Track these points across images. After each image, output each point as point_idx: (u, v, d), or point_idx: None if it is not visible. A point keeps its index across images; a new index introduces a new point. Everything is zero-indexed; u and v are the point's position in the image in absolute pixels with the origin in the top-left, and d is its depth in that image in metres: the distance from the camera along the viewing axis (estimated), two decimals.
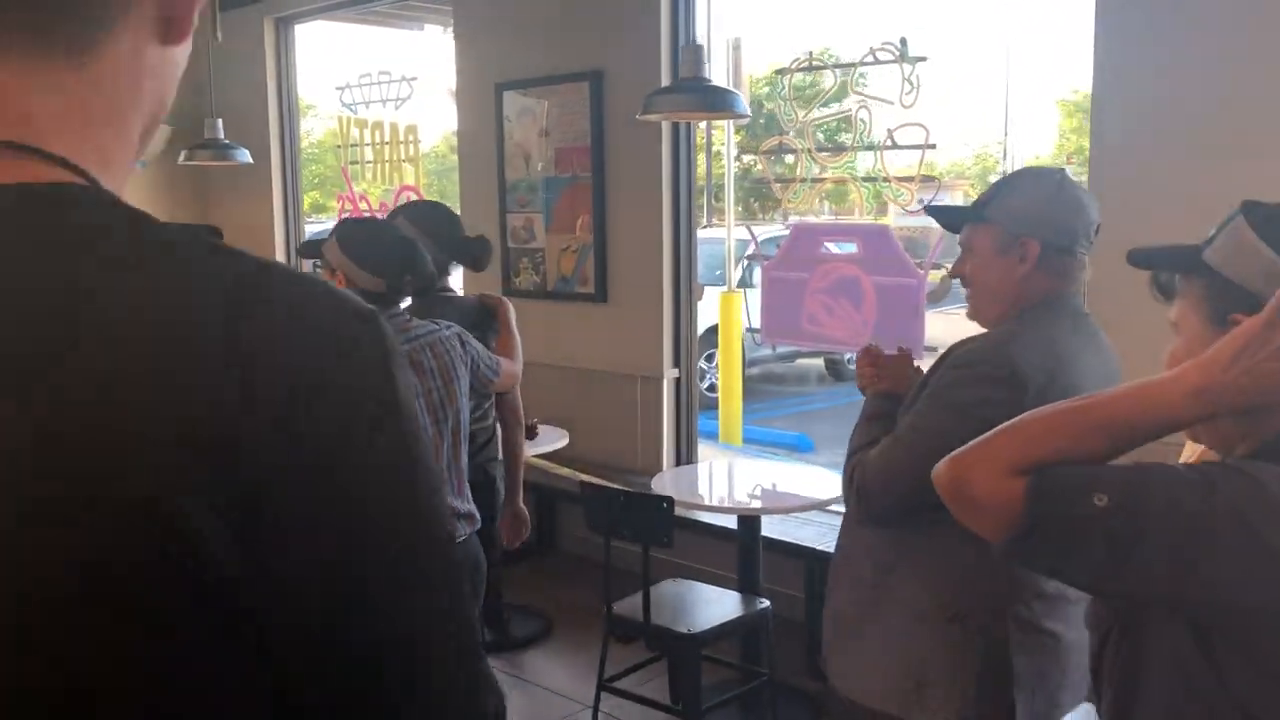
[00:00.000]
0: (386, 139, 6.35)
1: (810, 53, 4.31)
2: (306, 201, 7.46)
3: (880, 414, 2.09)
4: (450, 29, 5.94)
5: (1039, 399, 1.69)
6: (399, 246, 2.65)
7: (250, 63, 6.91)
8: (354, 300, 0.66)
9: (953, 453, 1.27)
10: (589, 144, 5.04)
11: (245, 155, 5.87)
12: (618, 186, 5.01)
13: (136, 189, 7.15)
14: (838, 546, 2.13)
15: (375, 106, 6.43)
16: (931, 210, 2.30)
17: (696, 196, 5.13)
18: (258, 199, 7.04)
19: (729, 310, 8.68)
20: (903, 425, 1.95)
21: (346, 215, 6.70)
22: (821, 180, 4.43)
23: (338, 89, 6.63)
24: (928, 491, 1.38)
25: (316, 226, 8.89)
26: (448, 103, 5.88)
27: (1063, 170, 2.06)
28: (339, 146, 6.69)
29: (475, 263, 3.40)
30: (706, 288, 7.74)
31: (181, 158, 5.93)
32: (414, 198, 6.30)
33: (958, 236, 2.09)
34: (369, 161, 6.46)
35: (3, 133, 0.64)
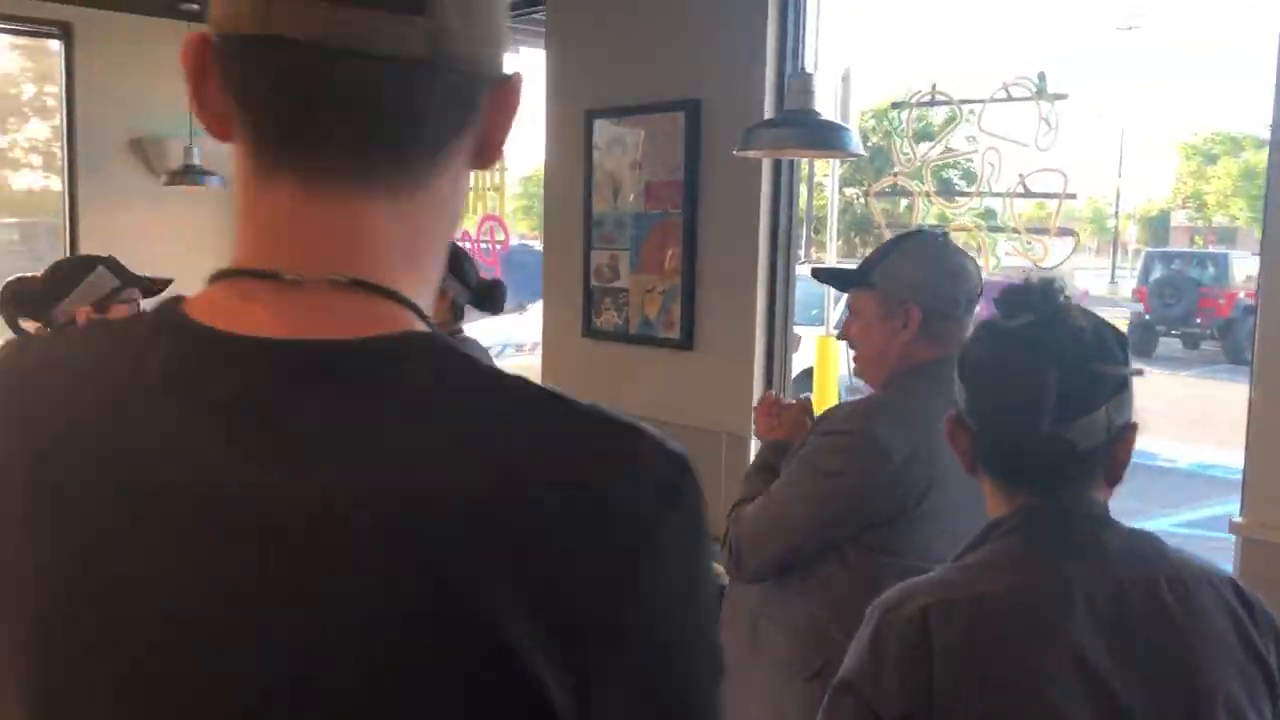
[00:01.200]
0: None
1: (934, 86, 3.87)
2: None
3: (768, 465, 2.12)
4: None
5: (902, 471, 1.83)
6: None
7: None
8: (679, 450, 0.71)
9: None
10: (682, 178, 4.66)
11: None
12: (710, 224, 4.61)
13: (215, 207, 7.00)
14: (724, 596, 2.16)
15: None
16: (819, 273, 2.40)
17: (796, 233, 4.71)
18: None
19: (826, 355, 8.20)
20: (774, 485, 2.00)
21: None
22: (940, 227, 3.98)
23: None
24: (793, 552, 1.66)
25: None
26: (538, 130, 5.58)
27: (945, 235, 2.12)
28: None
29: (494, 305, 3.12)
30: (802, 328, 7.29)
31: None
32: (496, 228, 6.02)
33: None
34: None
35: (348, 267, 0.68)
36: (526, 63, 7.85)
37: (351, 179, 0.68)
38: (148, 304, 2.55)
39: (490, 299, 3.03)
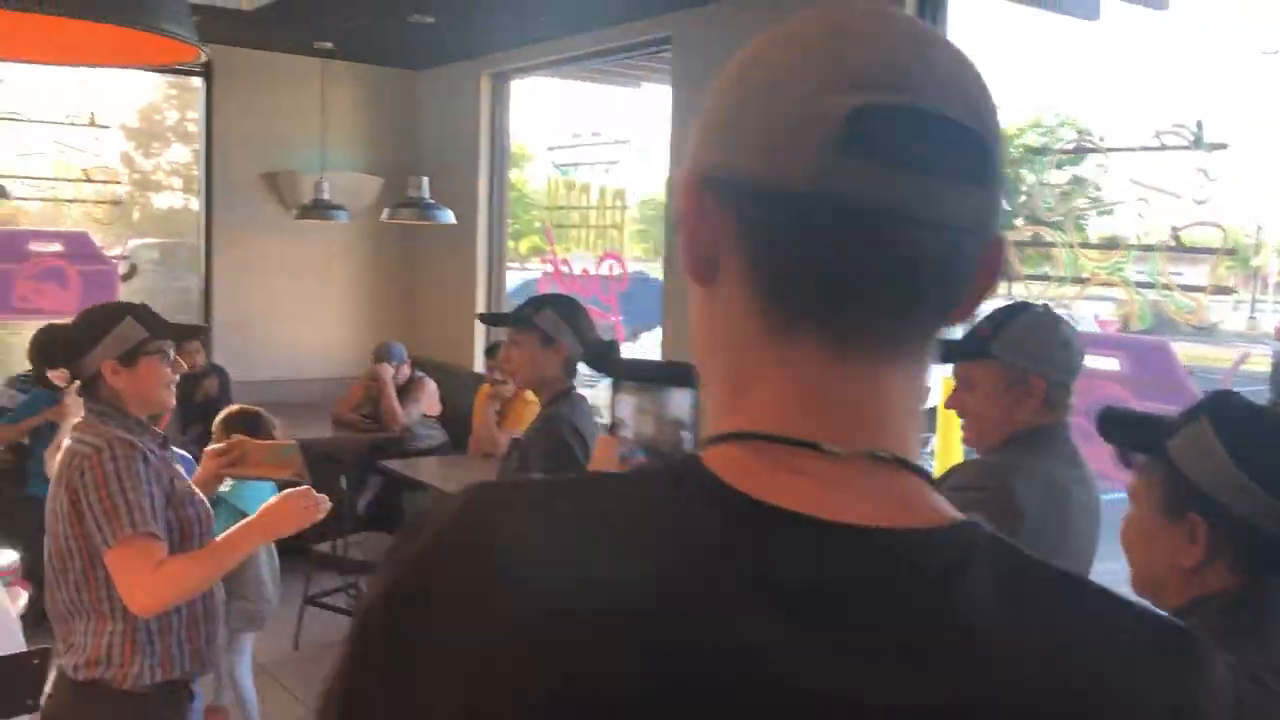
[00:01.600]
0: (594, 203, 6.05)
1: (1078, 133, 3.68)
2: (524, 245, 7.28)
3: None
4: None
5: (1033, 534, 1.75)
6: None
7: (464, 117, 6.78)
8: (1228, 658, 0.67)
9: None
10: None
11: (448, 216, 5.68)
12: None
13: (343, 241, 7.14)
14: None
15: (585, 168, 6.15)
16: None
17: None
18: (462, 255, 6.89)
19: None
20: None
21: (546, 273, 6.45)
22: (1085, 281, 3.76)
23: (549, 149, 6.41)
24: None
25: (523, 274, 8.74)
26: (659, 166, 5.53)
27: (1046, 307, 2.13)
28: (546, 208, 6.45)
29: (608, 367, 3.01)
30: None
31: (385, 215, 5.79)
32: (615, 265, 5.98)
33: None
34: (574, 225, 6.18)
35: (877, 437, 0.66)
36: (652, 98, 7.83)
37: (883, 344, 0.66)
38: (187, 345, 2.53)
39: (605, 360, 2.96)
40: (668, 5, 5.06)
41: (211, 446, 2.77)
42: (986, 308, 2.22)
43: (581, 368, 2.97)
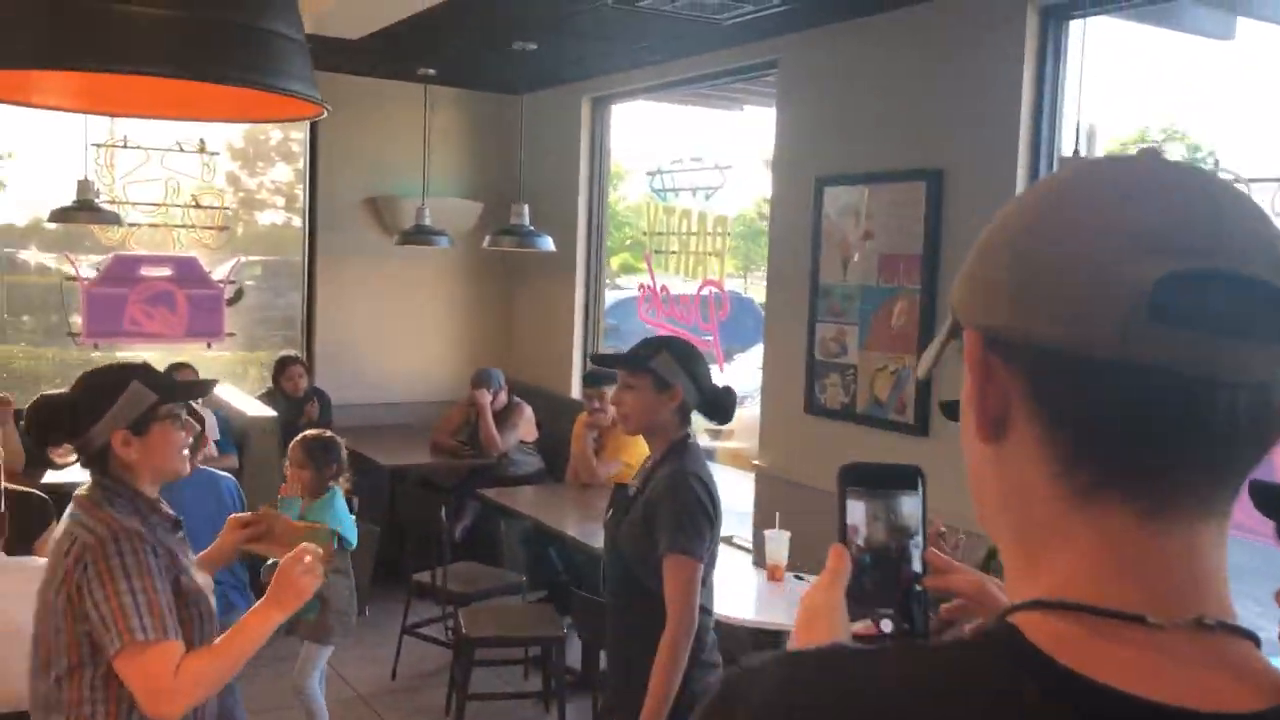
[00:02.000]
0: (694, 229, 5.96)
1: (1187, 149, 3.47)
2: (615, 261, 7.23)
3: None
4: (773, 109, 5.50)
5: None
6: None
7: (564, 141, 6.76)
8: None
9: None
10: (920, 252, 4.39)
11: (549, 243, 5.64)
12: None
13: (442, 266, 7.16)
14: None
15: (686, 195, 6.06)
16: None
17: None
18: (560, 280, 6.86)
19: None
20: None
21: (645, 299, 6.37)
22: None
23: (649, 174, 6.34)
24: None
25: (615, 293, 8.67)
26: (759, 190, 5.42)
27: None
28: (645, 234, 6.39)
29: (725, 415, 2.88)
30: None
31: (486, 242, 5.78)
32: (716, 292, 5.88)
33: None
34: (673, 251, 6.10)
35: (1195, 603, 0.64)
36: (751, 121, 7.72)
37: (1196, 504, 0.65)
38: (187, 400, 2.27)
39: (720, 407, 2.84)
40: (774, 29, 4.96)
41: (236, 515, 2.53)
42: None
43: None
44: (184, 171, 6.50)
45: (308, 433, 4.11)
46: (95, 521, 2.06)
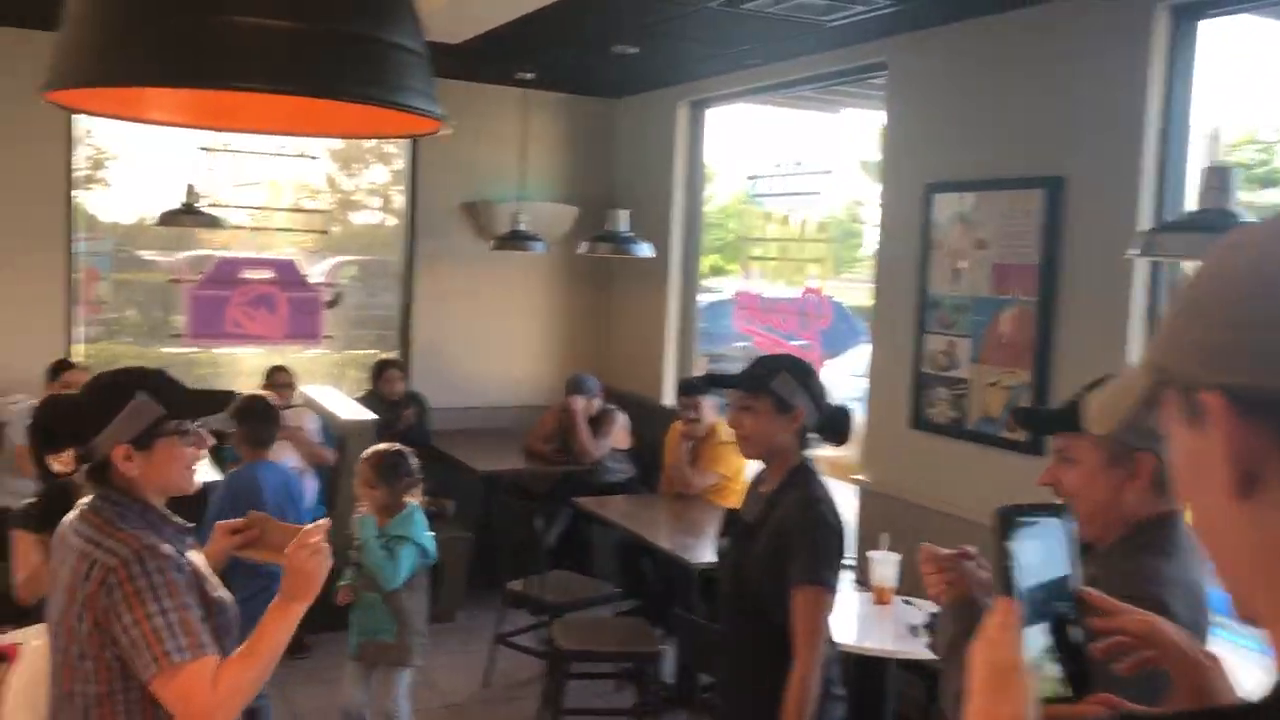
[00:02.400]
0: (793, 235, 5.82)
1: None
2: (705, 264, 7.11)
3: (965, 632, 1.70)
4: (874, 111, 5.34)
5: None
6: None
7: (660, 145, 6.67)
8: None
9: None
10: (1037, 263, 4.19)
11: (646, 250, 5.56)
12: (1071, 318, 4.11)
13: (537, 270, 7.13)
14: None
15: (786, 200, 5.93)
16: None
17: None
18: (655, 285, 6.77)
19: None
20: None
21: (740, 306, 6.24)
22: None
23: (748, 178, 6.22)
24: None
25: (708, 296, 8.54)
26: (852, 193, 5.26)
27: None
28: (743, 239, 6.26)
29: (842, 436, 2.73)
30: None
31: (583, 248, 5.72)
32: (815, 300, 5.73)
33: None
34: (772, 258, 5.97)
35: None
36: (853, 124, 7.55)
37: None
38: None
39: (838, 429, 2.70)
40: (883, 30, 4.80)
41: (225, 521, 2.36)
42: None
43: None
44: (285, 175, 6.57)
45: (374, 449, 3.98)
46: (114, 541, 1.95)
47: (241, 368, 6.65)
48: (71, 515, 2.05)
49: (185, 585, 1.96)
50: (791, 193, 5.89)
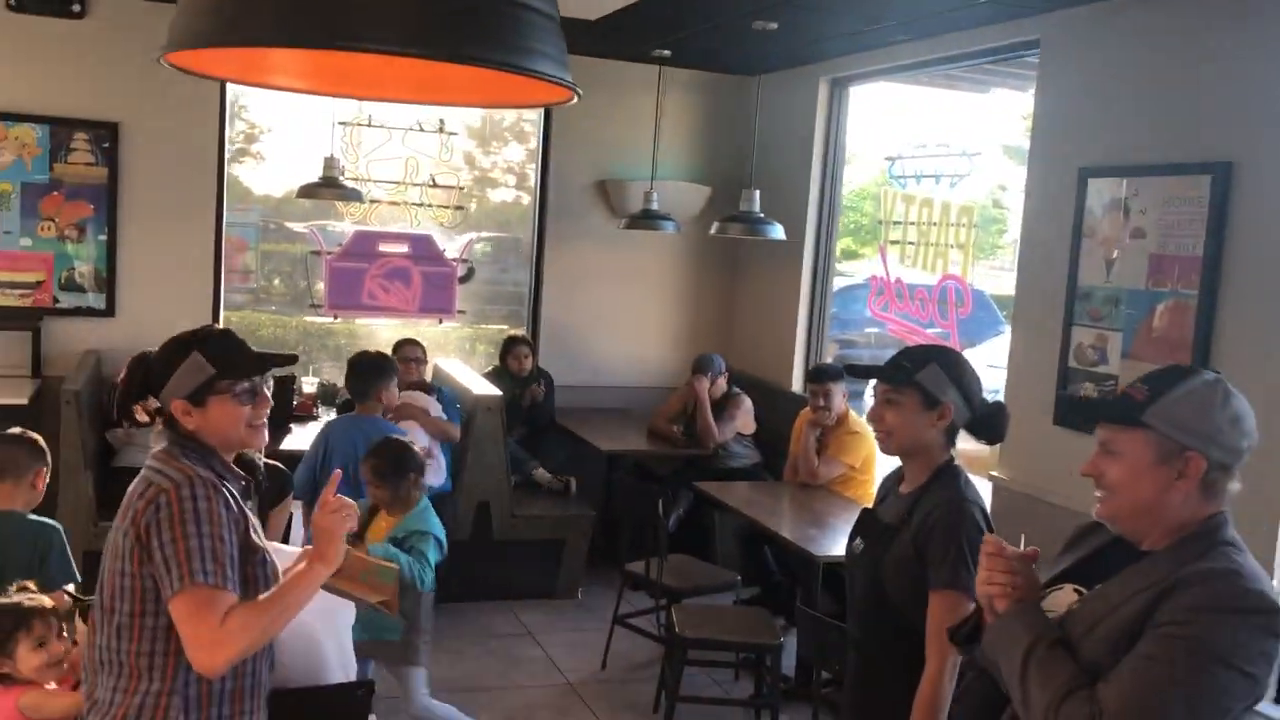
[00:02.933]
0: (934, 219, 5.61)
1: None
2: (839, 248, 6.93)
3: (1056, 642, 1.76)
4: (1026, 93, 5.08)
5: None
6: None
7: (798, 125, 6.51)
8: None
9: None
10: (1200, 254, 3.92)
11: (778, 231, 5.43)
12: (1237, 313, 3.83)
13: (667, 250, 7.06)
14: None
15: (926, 181, 5.71)
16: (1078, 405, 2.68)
17: None
18: (786, 269, 6.62)
19: None
20: (1140, 676, 1.65)
21: (878, 291, 6.06)
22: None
23: (887, 159, 6.01)
24: None
25: (841, 281, 8.34)
26: (995, 177, 5.02)
27: (1223, 379, 1.83)
28: (880, 222, 6.07)
29: (997, 434, 2.55)
30: None
31: (713, 229, 5.62)
32: (956, 288, 5.51)
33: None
34: (911, 242, 5.76)
35: None
36: (999, 105, 7.25)
37: None
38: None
39: (991, 426, 2.53)
40: (1037, 7, 4.55)
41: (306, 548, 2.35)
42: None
43: None
44: (423, 151, 6.65)
45: (374, 446, 3.79)
46: (172, 469, 2.06)
47: (379, 339, 6.77)
48: None
49: (228, 520, 2.04)
50: (933, 175, 5.67)
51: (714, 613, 4.66)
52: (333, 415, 6.17)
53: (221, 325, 5.21)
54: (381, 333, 6.88)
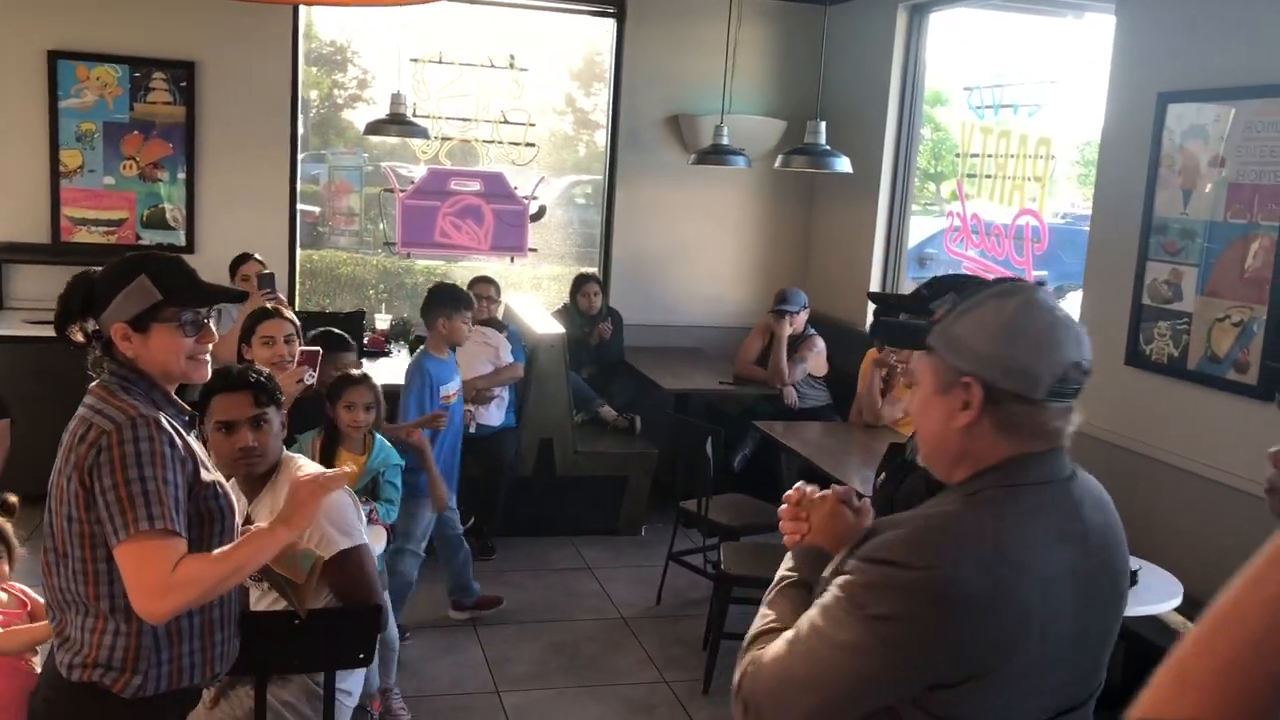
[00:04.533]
0: (1013, 151, 5.36)
1: None
2: (947, 190, 6.71)
3: (799, 584, 1.65)
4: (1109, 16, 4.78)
5: (981, 621, 1.36)
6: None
7: (875, 56, 6.28)
8: None
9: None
10: None
11: (844, 164, 5.25)
12: None
13: (739, 187, 6.92)
14: None
15: (1005, 113, 5.46)
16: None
17: None
18: (863, 207, 6.44)
19: None
20: (805, 619, 1.47)
21: (954, 227, 5.85)
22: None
23: (965, 89, 5.76)
24: (830, 714, 1.39)
25: (935, 223, 8.09)
26: (1094, 111, 4.75)
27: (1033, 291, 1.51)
28: (958, 155, 5.83)
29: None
30: None
31: (778, 163, 5.47)
32: (1033, 224, 5.28)
33: None
34: (988, 176, 5.53)
35: None
36: (1088, 28, 6.86)
37: None
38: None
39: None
40: None
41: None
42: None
43: None
44: (494, 88, 6.62)
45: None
46: (112, 408, 1.98)
47: (455, 278, 6.83)
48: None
49: (173, 459, 1.97)
50: (1013, 104, 5.41)
51: (765, 550, 4.61)
52: (404, 350, 6.28)
53: (256, 255, 5.30)
54: (457, 272, 6.93)
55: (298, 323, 3.81)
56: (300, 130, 6.35)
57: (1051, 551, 1.44)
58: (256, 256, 5.31)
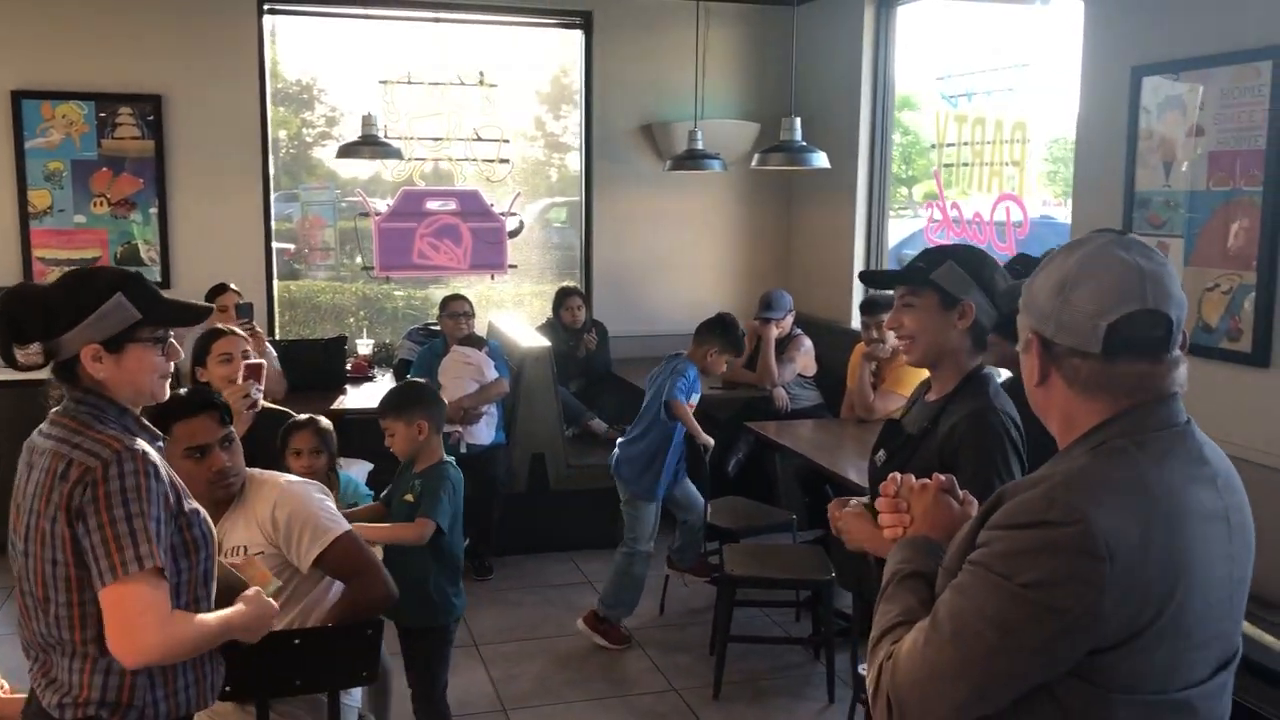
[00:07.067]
0: (989, 138, 5.35)
1: None
2: (920, 192, 6.71)
3: (915, 575, 1.54)
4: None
5: (1132, 573, 1.29)
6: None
7: (845, 52, 6.28)
8: None
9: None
10: (1263, 147, 3.65)
11: (821, 159, 5.23)
12: None
13: (716, 191, 6.90)
14: None
15: (979, 100, 5.45)
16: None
17: None
18: (841, 204, 6.42)
19: None
20: (938, 607, 1.39)
21: (933, 219, 5.83)
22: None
23: (937, 79, 5.76)
24: (983, 701, 1.33)
25: (912, 223, 8.10)
26: (1069, 93, 4.74)
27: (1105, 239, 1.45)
28: (933, 146, 5.83)
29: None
30: None
31: (754, 162, 5.45)
32: (1014, 209, 5.27)
33: None
34: (965, 164, 5.52)
35: None
36: (1054, 14, 6.88)
37: None
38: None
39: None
40: None
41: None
42: None
43: None
44: (465, 106, 6.58)
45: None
46: (93, 442, 1.88)
47: (436, 299, 6.77)
48: (43, 424, 1.99)
49: (158, 494, 1.89)
50: (985, 90, 5.41)
51: (766, 552, 4.56)
52: (388, 375, 6.21)
53: (232, 285, 5.24)
54: (436, 294, 6.87)
55: (249, 338, 3.88)
56: (271, 170, 6.29)
57: (1194, 492, 1.39)
58: (233, 286, 5.25)
